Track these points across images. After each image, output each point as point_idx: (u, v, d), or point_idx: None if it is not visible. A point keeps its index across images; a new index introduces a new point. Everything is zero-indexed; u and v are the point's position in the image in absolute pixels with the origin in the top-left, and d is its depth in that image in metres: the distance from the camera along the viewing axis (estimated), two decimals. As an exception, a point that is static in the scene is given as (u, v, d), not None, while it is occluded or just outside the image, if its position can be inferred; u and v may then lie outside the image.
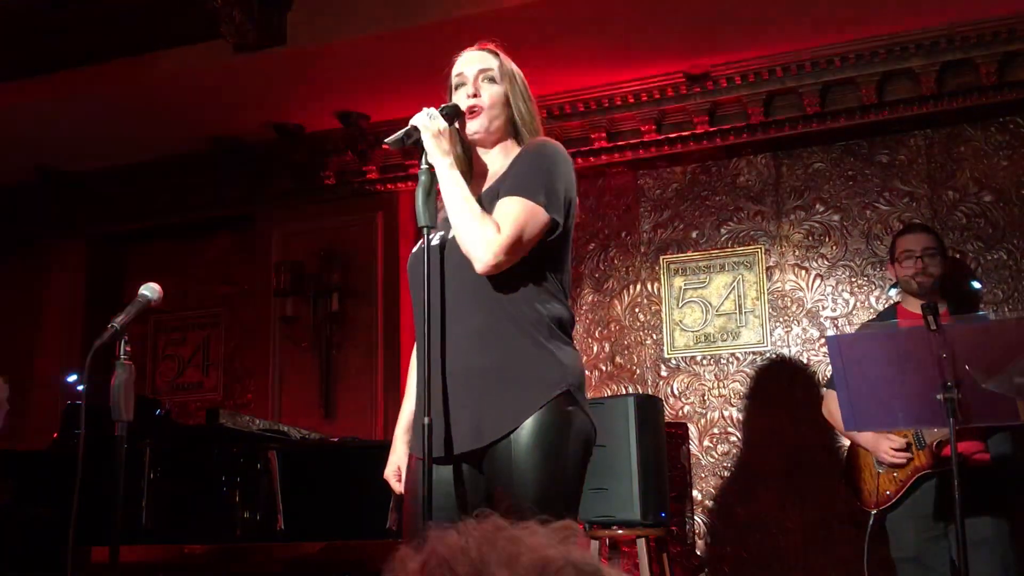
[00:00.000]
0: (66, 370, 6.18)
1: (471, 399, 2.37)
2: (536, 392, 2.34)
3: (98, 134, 5.93)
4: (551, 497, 2.28)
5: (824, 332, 5.19)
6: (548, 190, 2.40)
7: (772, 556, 5.10)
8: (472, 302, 2.41)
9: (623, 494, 4.34)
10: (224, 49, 5.12)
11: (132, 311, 2.74)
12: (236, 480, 3.81)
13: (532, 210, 2.38)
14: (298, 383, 6.03)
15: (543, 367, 2.36)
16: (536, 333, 2.38)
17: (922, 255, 4.02)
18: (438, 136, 2.44)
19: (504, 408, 2.34)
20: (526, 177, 2.42)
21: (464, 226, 2.38)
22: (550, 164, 2.45)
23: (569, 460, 2.35)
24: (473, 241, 2.36)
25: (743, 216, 5.48)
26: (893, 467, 3.85)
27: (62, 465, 3.78)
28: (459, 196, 2.41)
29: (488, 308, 2.39)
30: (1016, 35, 4.82)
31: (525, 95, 2.59)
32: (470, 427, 2.36)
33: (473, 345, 2.38)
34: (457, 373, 2.39)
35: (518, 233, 2.35)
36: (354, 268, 6.00)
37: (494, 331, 2.38)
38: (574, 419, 2.36)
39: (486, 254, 2.34)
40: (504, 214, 2.37)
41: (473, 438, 2.36)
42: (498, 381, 2.35)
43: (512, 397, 2.34)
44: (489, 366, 2.37)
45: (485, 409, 2.35)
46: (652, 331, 5.57)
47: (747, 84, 5.29)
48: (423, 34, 4.87)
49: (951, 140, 5.17)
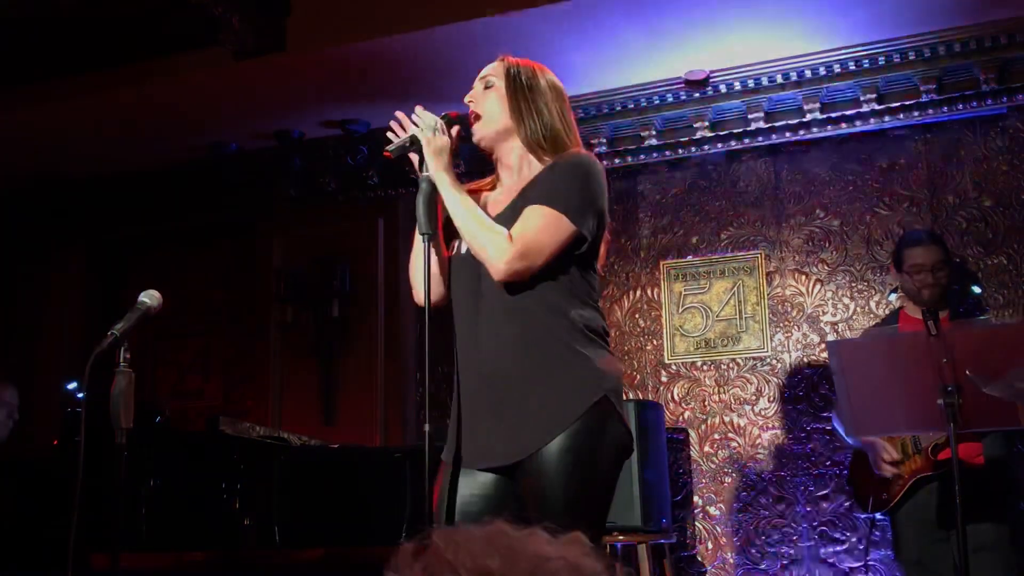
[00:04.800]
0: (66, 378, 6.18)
1: (506, 409, 2.35)
2: (573, 401, 2.32)
3: (97, 141, 5.92)
4: (581, 504, 2.27)
5: (824, 337, 5.19)
6: (576, 201, 2.40)
7: (773, 562, 5.09)
8: (504, 311, 2.39)
9: (624, 500, 4.33)
10: (223, 56, 5.13)
11: (132, 318, 2.73)
12: (236, 487, 3.81)
13: (553, 218, 2.37)
14: (298, 390, 6.03)
15: (579, 374, 2.34)
16: (571, 340, 2.36)
17: (932, 269, 4.01)
18: (439, 152, 2.44)
19: (540, 419, 2.31)
20: (554, 188, 2.41)
21: (473, 237, 2.38)
22: (582, 176, 2.44)
23: (601, 467, 2.33)
24: (484, 250, 2.36)
25: (743, 221, 5.48)
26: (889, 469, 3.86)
27: (63, 473, 3.78)
28: (463, 210, 2.41)
29: (521, 317, 2.38)
30: (1015, 40, 4.83)
31: (539, 91, 2.55)
32: (505, 438, 2.34)
33: (507, 354, 2.37)
34: (492, 382, 2.37)
35: (532, 240, 2.35)
36: (355, 275, 5.99)
37: (527, 339, 2.37)
38: (609, 427, 2.34)
39: (498, 261, 2.34)
40: (522, 221, 2.38)
41: (507, 450, 2.34)
42: (533, 390, 2.33)
43: (549, 407, 2.32)
44: (523, 375, 2.35)
45: (522, 420, 2.33)
46: (652, 337, 5.57)
47: (747, 90, 5.29)
48: (422, 40, 4.87)
49: (951, 145, 5.17)
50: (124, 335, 2.68)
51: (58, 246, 6.71)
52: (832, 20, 4.77)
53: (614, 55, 5.08)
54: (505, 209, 2.49)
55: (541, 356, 2.35)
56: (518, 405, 2.34)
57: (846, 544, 4.95)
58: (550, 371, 2.34)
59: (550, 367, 2.34)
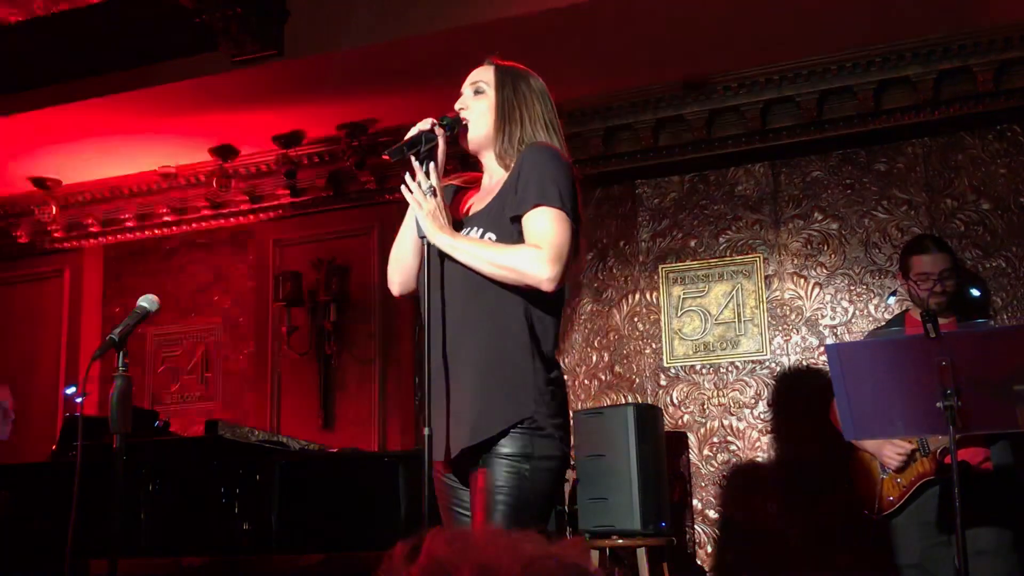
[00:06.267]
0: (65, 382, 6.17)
1: (457, 412, 2.40)
2: (502, 414, 2.35)
3: (97, 146, 5.93)
4: (515, 519, 2.29)
5: (823, 341, 5.19)
6: (560, 192, 2.40)
7: (773, 565, 5.09)
8: (469, 316, 2.43)
9: (623, 504, 4.33)
10: (222, 61, 5.13)
11: (130, 323, 2.73)
12: (235, 491, 3.80)
13: (560, 216, 2.39)
14: (297, 394, 6.03)
15: (515, 390, 2.37)
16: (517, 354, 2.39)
17: (940, 278, 3.98)
18: (433, 216, 2.43)
19: (474, 424, 2.36)
20: (541, 185, 2.40)
21: (502, 267, 2.38)
22: (556, 168, 2.44)
23: (532, 484, 2.34)
24: (519, 271, 2.36)
25: (741, 225, 5.48)
26: (897, 472, 3.84)
27: (61, 477, 3.77)
28: (475, 254, 2.41)
29: (481, 323, 2.42)
30: (1012, 43, 4.83)
31: (527, 103, 2.56)
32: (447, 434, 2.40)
33: (468, 360, 2.41)
34: (453, 385, 2.42)
35: (558, 242, 2.37)
36: (352, 279, 6.00)
37: (481, 347, 2.40)
38: (536, 445, 2.35)
39: (543, 274, 2.35)
40: (537, 226, 2.38)
41: (452, 448, 2.40)
42: (479, 395, 2.38)
43: (481, 415, 2.36)
44: (474, 382, 2.39)
45: (462, 424, 2.38)
46: (651, 340, 5.57)
47: (745, 93, 5.30)
48: (420, 44, 4.88)
49: (949, 148, 5.18)
50: (122, 339, 2.67)
51: (58, 251, 6.70)
52: (830, 23, 4.77)
53: (612, 58, 5.08)
54: (482, 208, 2.53)
55: (487, 364, 2.38)
56: (461, 408, 2.39)
57: (846, 546, 4.95)
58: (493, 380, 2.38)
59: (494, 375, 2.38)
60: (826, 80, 5.15)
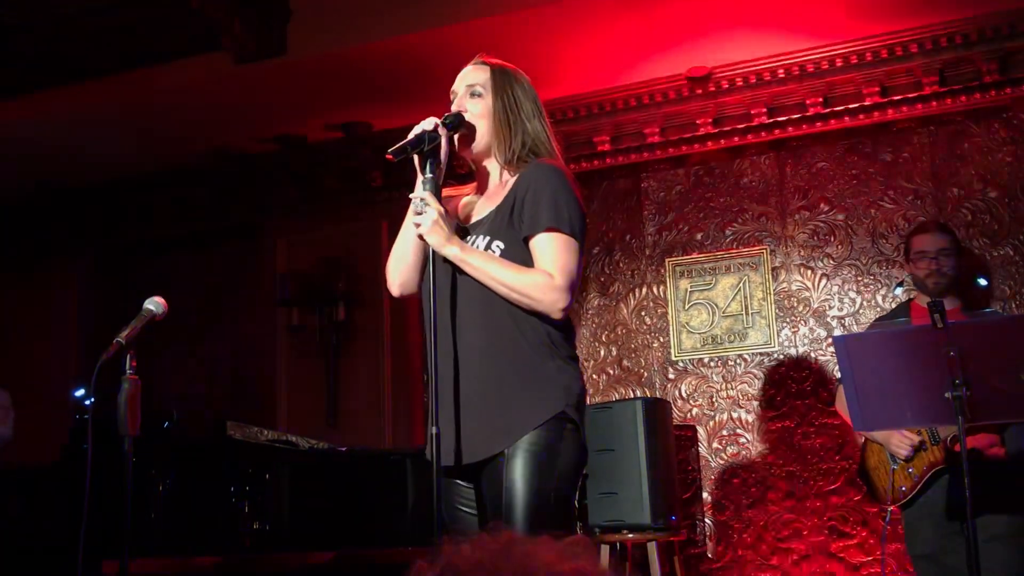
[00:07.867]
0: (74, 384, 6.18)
1: (474, 414, 2.39)
2: (531, 413, 2.35)
3: (101, 148, 5.94)
4: (540, 516, 2.29)
5: (831, 332, 5.18)
6: (570, 217, 2.42)
7: (783, 557, 5.09)
8: (478, 318, 2.42)
9: (632, 498, 4.33)
10: (225, 61, 5.14)
11: (137, 325, 2.74)
12: (245, 491, 3.81)
13: (568, 242, 2.41)
14: (305, 392, 6.04)
15: (541, 388, 2.37)
16: (535, 354, 2.39)
17: (936, 255, 3.99)
18: (434, 234, 2.41)
19: (499, 427, 2.35)
20: (553, 208, 2.41)
21: (513, 288, 2.38)
22: (567, 192, 2.44)
23: (559, 478, 2.36)
24: (530, 298, 2.37)
25: (748, 217, 5.47)
26: (908, 462, 3.84)
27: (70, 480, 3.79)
28: (487, 269, 2.40)
29: (493, 325, 2.41)
30: (1017, 31, 4.82)
31: (522, 105, 2.56)
32: (466, 441, 2.38)
33: (477, 361, 2.40)
34: (464, 387, 2.40)
35: (569, 269, 2.39)
36: (359, 276, 6.00)
37: (497, 348, 2.40)
38: (566, 439, 2.37)
39: (553, 303, 2.37)
40: (548, 252, 2.39)
41: (469, 454, 2.38)
42: (498, 399, 2.37)
43: (508, 416, 2.35)
44: (491, 383, 2.38)
45: (483, 426, 2.37)
46: (659, 334, 5.56)
47: (749, 85, 5.29)
48: (423, 42, 4.88)
49: (954, 137, 5.16)
50: (130, 342, 2.68)
51: (62, 254, 6.72)
52: (834, 14, 4.76)
53: (616, 52, 5.07)
54: (486, 215, 2.52)
55: (506, 366, 2.38)
56: (483, 410, 2.38)
57: (856, 539, 4.94)
58: (514, 382, 2.37)
59: (514, 378, 2.38)
60: (830, 71, 5.14)
